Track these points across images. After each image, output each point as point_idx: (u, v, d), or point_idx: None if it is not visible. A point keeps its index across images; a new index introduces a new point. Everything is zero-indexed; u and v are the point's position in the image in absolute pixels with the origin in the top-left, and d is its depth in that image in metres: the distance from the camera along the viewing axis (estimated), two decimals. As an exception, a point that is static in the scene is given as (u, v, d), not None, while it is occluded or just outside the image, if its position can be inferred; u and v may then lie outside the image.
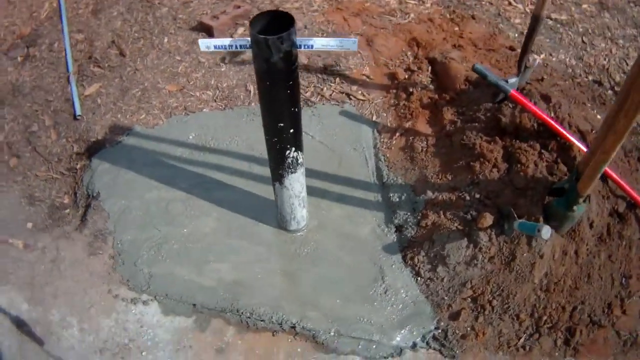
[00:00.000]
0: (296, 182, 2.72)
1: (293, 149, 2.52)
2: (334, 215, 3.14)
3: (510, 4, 4.18)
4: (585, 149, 2.82)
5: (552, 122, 2.86)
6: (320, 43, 2.08)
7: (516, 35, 3.91)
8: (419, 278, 2.91)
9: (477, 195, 2.91)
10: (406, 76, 3.56)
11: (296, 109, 2.36)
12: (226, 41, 2.10)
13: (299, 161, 2.62)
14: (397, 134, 3.36)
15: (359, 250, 3.02)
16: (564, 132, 2.85)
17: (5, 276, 2.97)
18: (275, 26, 2.02)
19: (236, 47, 2.13)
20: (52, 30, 4.07)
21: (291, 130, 2.43)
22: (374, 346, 2.76)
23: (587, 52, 3.92)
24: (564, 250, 2.87)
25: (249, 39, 2.05)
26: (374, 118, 3.47)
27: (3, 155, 3.50)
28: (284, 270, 2.96)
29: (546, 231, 2.47)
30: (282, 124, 2.37)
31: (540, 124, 2.93)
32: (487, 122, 3.11)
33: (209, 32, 3.80)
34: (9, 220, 3.21)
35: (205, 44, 2.12)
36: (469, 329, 2.84)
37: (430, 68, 3.56)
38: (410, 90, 3.46)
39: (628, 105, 2.01)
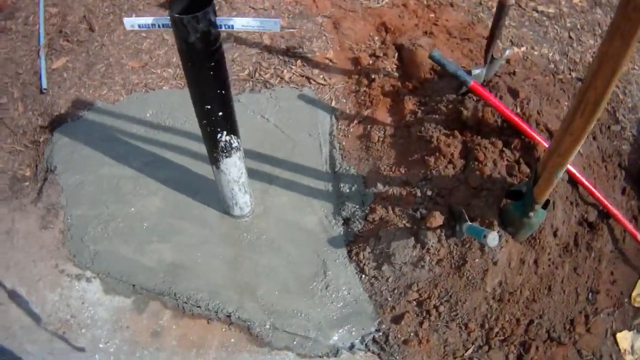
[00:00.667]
0: (233, 167, 2.18)
1: (225, 132, 2.03)
2: (281, 203, 2.58)
3: None
4: (551, 149, 2.21)
5: (514, 118, 2.21)
6: (240, 23, 1.66)
7: (497, 25, 3.17)
8: (363, 275, 2.35)
9: (429, 192, 2.30)
10: (370, 62, 2.91)
11: (223, 92, 1.91)
12: (149, 20, 1.70)
13: (234, 145, 2.08)
14: (355, 122, 2.74)
15: (303, 241, 2.47)
16: (527, 129, 2.21)
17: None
18: (199, 6, 1.63)
19: (159, 25, 1.74)
20: (30, 3, 3.48)
21: (220, 113, 1.97)
22: (310, 344, 2.24)
23: (573, 48, 3.19)
24: (521, 258, 2.24)
25: (170, 17, 1.62)
26: (333, 104, 2.85)
27: (-29, 126, 3.03)
28: (225, 256, 2.44)
29: (492, 238, 1.88)
30: (208, 107, 1.94)
31: (504, 120, 2.29)
32: (448, 115, 2.46)
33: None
34: (-31, 189, 2.77)
35: (130, 22, 1.72)
36: (412, 334, 2.27)
37: (396, 55, 2.90)
38: (373, 76, 2.82)
39: (584, 104, 1.48)
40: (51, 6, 3.36)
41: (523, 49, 3.00)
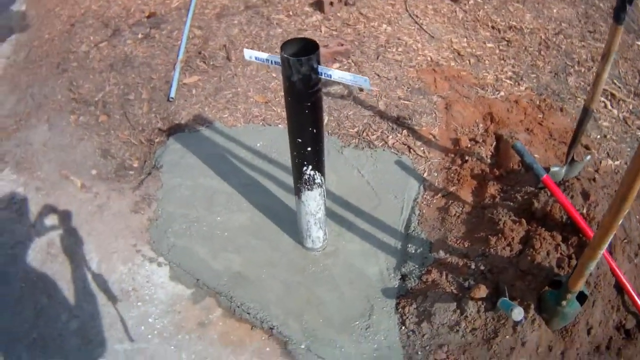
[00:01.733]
0: (312, 200, 3.59)
1: (310, 167, 3.37)
2: (351, 248, 4.04)
3: (605, 106, 4.93)
4: (606, 253, 3.45)
5: (576, 215, 3.52)
6: (337, 75, 2.90)
7: (598, 136, 4.64)
8: (403, 327, 3.64)
9: (482, 267, 3.65)
10: (469, 145, 4.47)
11: (315, 130, 3.17)
12: (264, 55, 3.05)
13: (317, 181, 3.46)
14: (440, 195, 4.24)
15: (360, 285, 3.85)
16: (586, 228, 3.49)
17: (55, 205, 4.32)
18: (310, 52, 2.82)
19: (271, 62, 3.04)
20: (177, 20, 5.67)
21: (309, 149, 3.26)
22: None
23: (667, 171, 4.49)
24: (550, 346, 3.44)
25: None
26: (425, 175, 4.38)
27: (96, 110, 5.00)
28: (286, 280, 3.88)
29: (518, 312, 3.11)
30: (300, 140, 3.22)
31: (569, 217, 3.61)
32: (522, 204, 3.86)
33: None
34: (79, 162, 4.61)
35: (249, 53, 3.10)
36: (430, 391, 3.55)
37: (494, 144, 4.44)
38: (467, 158, 4.36)
39: (614, 201, 2.59)
40: (197, 28, 5.43)
41: (617, 162, 4.36)
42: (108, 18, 6.03)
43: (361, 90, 4.98)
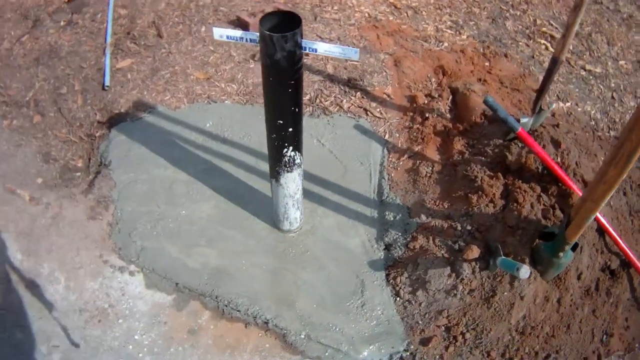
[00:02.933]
0: (291, 182, 3.03)
1: (291, 148, 2.83)
2: (327, 223, 3.47)
3: (547, 48, 4.53)
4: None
5: (555, 166, 3.12)
6: (323, 48, 2.41)
7: (546, 79, 4.22)
8: (397, 298, 3.18)
9: (469, 227, 3.19)
10: (426, 101, 3.92)
11: (297, 109, 2.66)
12: (238, 33, 2.46)
13: (296, 162, 2.92)
14: (406, 156, 3.70)
15: (345, 261, 3.32)
16: (565, 178, 3.11)
17: (6, 224, 3.41)
18: (287, 26, 2.32)
19: (246, 40, 2.46)
20: (98, 1, 4.63)
21: (290, 129, 2.73)
22: (341, 356, 3.03)
23: (614, 107, 4.20)
24: (546, 296, 3.10)
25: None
26: (386, 137, 3.82)
27: (28, 111, 4.01)
28: (269, 267, 3.28)
29: (525, 271, 2.72)
30: (281, 122, 2.69)
31: (545, 167, 3.20)
32: (494, 158, 3.40)
33: (245, 27, 4.25)
34: (21, 172, 3.68)
35: (219, 32, 2.48)
36: (437, 357, 3.08)
37: (451, 97, 3.91)
38: (427, 115, 3.81)
39: (619, 156, 2.23)
40: (121, 7, 4.46)
41: (568, 104, 3.99)
42: (26, 8, 4.85)
43: (307, 55, 4.25)
